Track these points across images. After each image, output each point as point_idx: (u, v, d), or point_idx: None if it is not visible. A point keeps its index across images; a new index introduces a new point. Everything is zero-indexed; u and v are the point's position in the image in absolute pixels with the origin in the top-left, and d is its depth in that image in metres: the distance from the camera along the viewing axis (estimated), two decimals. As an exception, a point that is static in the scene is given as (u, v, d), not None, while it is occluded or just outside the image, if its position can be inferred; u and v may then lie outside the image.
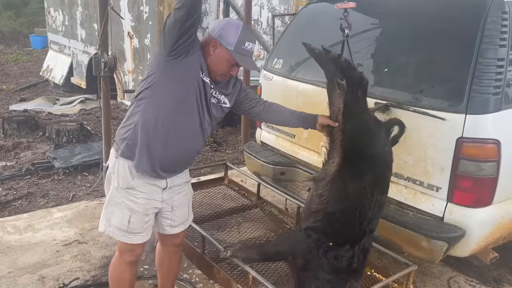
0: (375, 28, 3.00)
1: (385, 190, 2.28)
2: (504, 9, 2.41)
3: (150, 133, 2.05)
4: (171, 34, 1.92)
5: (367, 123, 2.24)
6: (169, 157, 2.12)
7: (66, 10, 8.25)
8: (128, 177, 2.11)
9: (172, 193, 2.24)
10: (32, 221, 3.68)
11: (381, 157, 2.25)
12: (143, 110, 2.05)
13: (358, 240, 2.17)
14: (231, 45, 2.04)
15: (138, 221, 2.16)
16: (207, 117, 2.13)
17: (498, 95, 2.33)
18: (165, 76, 2.02)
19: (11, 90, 8.71)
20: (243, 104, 2.34)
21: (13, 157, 5.23)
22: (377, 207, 2.20)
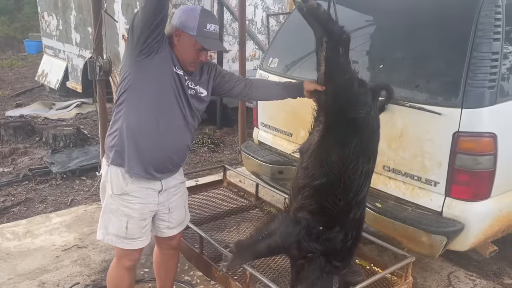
0: (369, 24, 3.00)
1: (371, 158, 2.13)
2: (497, 2, 2.41)
3: (136, 136, 2.04)
4: (139, 33, 1.91)
5: (350, 83, 2.08)
6: (160, 157, 2.11)
7: (60, 14, 8.23)
8: (122, 184, 2.10)
9: (168, 195, 2.24)
10: (31, 227, 3.67)
11: (365, 122, 2.10)
12: (125, 115, 2.04)
13: (346, 216, 2.08)
14: (193, 29, 2.01)
15: (136, 227, 2.15)
16: (188, 110, 2.13)
17: (493, 89, 2.34)
18: (139, 77, 2.00)
19: (7, 96, 8.69)
20: (222, 87, 2.30)
21: (10, 163, 5.22)
22: (363, 177, 2.08)
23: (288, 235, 2.12)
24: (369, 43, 2.86)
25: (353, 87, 2.07)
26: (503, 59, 2.40)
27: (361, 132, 2.08)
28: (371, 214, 2.67)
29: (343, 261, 2.14)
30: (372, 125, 2.13)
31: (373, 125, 2.14)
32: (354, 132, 2.07)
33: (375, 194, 2.77)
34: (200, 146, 5.84)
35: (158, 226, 2.31)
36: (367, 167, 2.09)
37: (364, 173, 2.09)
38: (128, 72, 2.02)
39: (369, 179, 2.15)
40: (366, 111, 2.08)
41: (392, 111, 2.61)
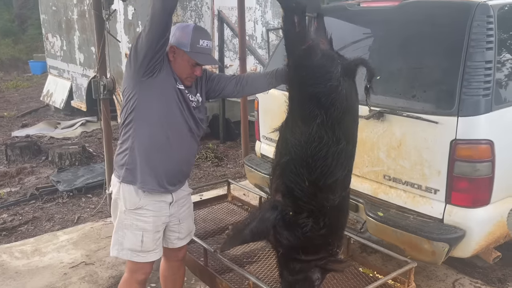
0: (367, 37, 3.07)
1: (342, 139, 1.99)
2: (489, 13, 2.47)
3: (148, 152, 2.11)
4: (143, 56, 1.98)
5: (307, 54, 1.99)
6: (171, 169, 2.19)
7: (64, 35, 8.39)
8: (135, 199, 2.16)
9: (178, 206, 2.31)
10: (38, 245, 3.72)
11: (330, 98, 1.95)
12: (134, 133, 2.11)
13: (314, 200, 2.01)
14: (187, 46, 2.09)
15: (151, 239, 2.21)
16: (193, 122, 2.21)
17: (488, 96, 2.38)
18: (145, 96, 2.07)
19: (13, 116, 8.82)
20: (214, 89, 2.36)
21: (18, 183, 5.29)
22: (332, 159, 1.97)
23: (265, 220, 2.09)
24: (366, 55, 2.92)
25: (311, 59, 1.98)
26: (497, 67, 2.45)
27: (325, 109, 1.95)
28: (374, 223, 2.71)
29: (316, 253, 2.08)
30: (342, 103, 1.98)
31: (343, 103, 1.98)
32: (316, 108, 1.96)
33: (377, 203, 2.81)
34: (204, 160, 5.90)
35: (169, 237, 2.36)
36: (335, 148, 1.97)
37: (333, 154, 1.97)
38: (133, 92, 2.09)
39: (344, 162, 2.03)
40: (330, 86, 1.96)
41: (390, 121, 2.66)
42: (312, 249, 2.09)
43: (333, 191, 2.02)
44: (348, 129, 2.04)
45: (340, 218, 2.16)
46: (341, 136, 1.98)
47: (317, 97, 1.96)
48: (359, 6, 3.12)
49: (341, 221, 2.18)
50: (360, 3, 3.13)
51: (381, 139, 2.73)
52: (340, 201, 2.08)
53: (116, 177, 2.23)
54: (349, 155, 2.07)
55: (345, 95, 1.99)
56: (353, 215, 2.97)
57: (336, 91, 1.96)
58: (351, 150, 2.07)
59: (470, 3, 2.54)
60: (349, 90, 2.02)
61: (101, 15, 3.60)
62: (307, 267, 2.11)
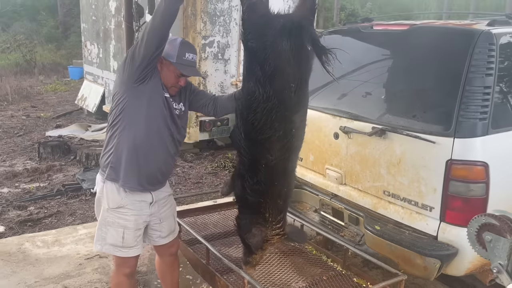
0: (376, 57, 3.21)
1: (271, 97, 2.06)
2: (491, 40, 2.57)
3: (131, 152, 2.30)
4: (139, 64, 2.17)
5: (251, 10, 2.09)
6: (151, 170, 2.37)
7: (101, 43, 8.85)
8: (117, 198, 2.34)
9: (158, 206, 2.49)
10: (59, 237, 3.98)
11: (264, 53, 2.04)
12: (120, 134, 2.29)
13: (248, 153, 2.16)
14: (173, 57, 2.28)
15: (131, 236, 2.39)
16: (175, 128, 2.40)
17: (485, 120, 2.47)
18: (134, 100, 2.26)
19: (49, 117, 9.32)
20: (195, 104, 2.55)
21: (46, 179, 5.63)
22: (260, 114, 2.07)
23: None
24: (372, 76, 3.06)
25: (253, 14, 2.09)
26: (496, 93, 2.53)
27: (260, 64, 2.05)
28: (371, 236, 2.81)
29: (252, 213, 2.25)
30: (275, 61, 2.04)
31: (277, 61, 2.04)
32: (254, 63, 2.08)
33: (377, 218, 2.91)
34: (222, 169, 6.09)
35: (151, 235, 2.54)
36: (265, 105, 2.07)
37: (262, 110, 2.08)
38: (123, 96, 2.27)
39: (275, 123, 2.10)
40: (265, 42, 2.04)
41: (391, 138, 2.78)
42: (248, 206, 2.28)
43: (268, 150, 2.13)
44: (281, 90, 2.09)
45: (278, 185, 2.24)
46: (271, 94, 2.06)
47: (254, 51, 2.08)
48: (372, 28, 3.26)
49: (279, 190, 2.26)
50: (373, 26, 3.28)
51: (382, 155, 2.84)
52: (280, 168, 2.19)
53: (100, 176, 2.41)
54: (283, 118, 2.11)
55: (281, 55, 2.05)
56: (354, 228, 3.08)
57: (271, 48, 2.03)
58: (285, 114, 2.11)
59: (474, 31, 2.65)
60: (287, 51, 2.06)
61: (131, 27, 3.89)
62: (246, 225, 2.30)
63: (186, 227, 3.13)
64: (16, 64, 16.67)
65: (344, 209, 3.11)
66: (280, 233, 2.34)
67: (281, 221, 2.33)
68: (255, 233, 2.30)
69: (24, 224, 4.36)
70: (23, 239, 3.92)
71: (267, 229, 2.30)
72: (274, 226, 2.31)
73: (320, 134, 3.27)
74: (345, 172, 3.12)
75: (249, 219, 2.32)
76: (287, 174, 2.28)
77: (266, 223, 2.29)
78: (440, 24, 3.19)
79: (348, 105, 3.11)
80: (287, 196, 2.36)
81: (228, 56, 6.63)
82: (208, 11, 6.24)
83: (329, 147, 3.21)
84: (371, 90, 3.03)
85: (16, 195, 5.07)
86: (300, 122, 2.21)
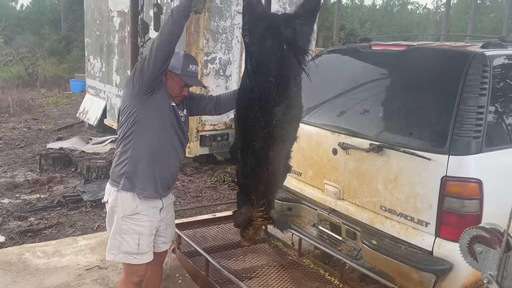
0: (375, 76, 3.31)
1: (254, 89, 2.26)
2: (485, 62, 2.67)
3: (147, 160, 2.41)
4: (148, 77, 2.30)
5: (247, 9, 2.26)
6: (166, 176, 2.50)
7: (104, 58, 8.99)
8: (132, 205, 2.43)
9: (166, 212, 2.60)
10: (59, 247, 4.01)
11: (251, 49, 2.24)
12: (134, 145, 2.40)
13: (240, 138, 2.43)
14: (178, 69, 2.45)
15: (146, 242, 2.47)
16: (182, 134, 2.53)
17: (479, 139, 2.55)
18: (146, 111, 2.39)
19: (50, 130, 9.40)
20: (195, 108, 2.71)
21: (47, 190, 5.68)
22: (245, 104, 2.32)
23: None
24: (370, 94, 3.15)
25: (248, 12, 2.26)
26: (489, 113, 2.62)
27: (249, 58, 2.25)
28: (368, 251, 2.86)
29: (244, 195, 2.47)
30: (260, 57, 2.21)
31: (260, 57, 2.21)
32: (247, 57, 2.29)
33: (373, 233, 2.97)
34: (221, 183, 6.15)
35: (156, 242, 2.62)
36: (249, 96, 2.28)
37: (247, 100, 2.31)
38: (134, 109, 2.39)
39: (257, 113, 2.28)
40: (253, 38, 2.22)
41: (388, 155, 2.85)
42: (241, 187, 2.53)
43: (253, 136, 2.35)
44: (262, 83, 2.25)
45: (261, 172, 2.43)
46: (254, 87, 2.27)
47: (246, 47, 2.29)
48: (370, 48, 3.37)
49: (261, 176, 2.44)
50: (371, 46, 3.39)
51: (379, 171, 2.91)
52: (263, 156, 2.37)
53: (113, 186, 2.47)
54: (264, 109, 2.28)
55: (263, 51, 2.21)
56: (351, 243, 3.14)
57: (256, 44, 2.22)
58: (266, 106, 2.27)
59: (469, 52, 2.76)
60: (269, 48, 2.20)
61: (136, 42, 3.99)
62: (241, 203, 2.53)
63: (187, 239, 3.19)
64: (18, 76, 16.83)
65: (342, 223, 3.17)
66: (263, 216, 2.56)
67: (264, 205, 2.54)
68: (242, 211, 2.56)
69: (24, 235, 4.39)
70: (24, 249, 3.95)
71: (252, 210, 2.53)
72: (259, 208, 2.53)
73: (319, 150, 3.35)
74: (343, 187, 3.19)
75: (242, 199, 2.58)
76: (270, 162, 2.44)
77: (252, 205, 2.52)
78: (436, 45, 3.30)
79: (347, 122, 3.20)
80: (270, 183, 2.53)
81: (230, 73, 6.75)
82: (211, 28, 6.38)
83: (328, 162, 3.28)
84: (369, 108, 3.12)
85: (17, 206, 5.11)
86: (282, 115, 2.33)
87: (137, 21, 4.04)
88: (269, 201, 2.57)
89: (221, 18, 6.47)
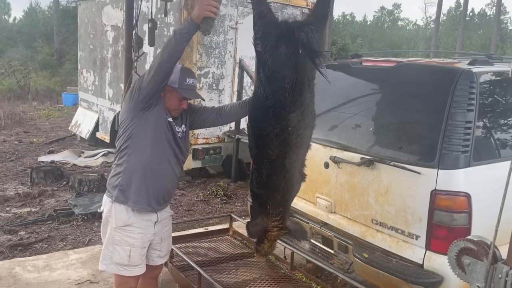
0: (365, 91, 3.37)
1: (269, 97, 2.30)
2: (472, 78, 2.74)
3: (141, 174, 2.42)
4: (146, 93, 2.33)
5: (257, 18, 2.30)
6: (160, 190, 2.50)
7: (97, 71, 9.02)
8: (125, 216, 2.45)
9: (161, 226, 2.59)
10: (50, 261, 3.98)
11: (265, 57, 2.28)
12: (129, 158, 2.43)
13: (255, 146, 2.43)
14: (175, 83, 2.46)
15: (137, 254, 2.48)
16: (178, 149, 2.53)
17: (467, 153, 2.61)
18: (142, 126, 2.41)
19: (41, 143, 9.35)
20: (197, 121, 2.70)
21: (38, 204, 5.64)
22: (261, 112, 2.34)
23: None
24: (361, 109, 3.21)
25: (259, 22, 2.29)
26: (477, 128, 2.68)
27: (263, 66, 2.29)
28: (359, 264, 2.89)
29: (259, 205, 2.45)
30: (274, 64, 2.26)
31: (276, 65, 2.26)
32: (260, 65, 2.34)
33: (365, 246, 2.99)
34: (214, 197, 6.16)
35: (151, 255, 2.62)
36: (264, 103, 2.30)
37: (262, 108, 2.32)
38: (131, 123, 2.42)
39: (272, 120, 2.30)
40: (266, 47, 2.26)
41: (379, 169, 2.90)
42: (255, 197, 2.49)
43: (268, 145, 2.35)
44: (277, 90, 2.29)
45: (277, 180, 2.42)
46: (269, 94, 2.30)
47: (259, 54, 2.32)
48: (361, 64, 3.44)
49: (278, 184, 2.44)
50: (362, 61, 3.46)
51: (370, 185, 2.96)
52: (279, 164, 2.37)
53: (108, 197, 2.52)
54: (279, 116, 2.31)
55: (277, 58, 2.25)
56: (343, 256, 3.16)
57: (270, 52, 2.26)
58: (281, 113, 2.30)
59: (456, 69, 2.83)
60: (283, 55, 2.25)
61: (130, 57, 4.04)
62: (255, 214, 2.49)
63: (179, 252, 3.19)
64: (9, 89, 16.77)
65: (334, 237, 3.19)
66: (279, 226, 2.52)
67: (280, 214, 2.50)
68: (257, 222, 2.51)
69: (14, 249, 4.35)
70: (14, 263, 3.91)
71: (268, 220, 2.48)
72: (274, 218, 2.49)
73: (311, 163, 3.36)
74: (335, 201, 3.23)
75: (257, 209, 2.54)
76: (286, 170, 2.43)
77: (268, 215, 2.48)
78: (425, 62, 3.38)
79: (338, 136, 3.25)
80: (286, 191, 2.51)
81: (223, 87, 6.81)
82: (204, 43, 6.45)
83: (320, 176, 3.32)
84: (360, 122, 3.17)
85: (7, 220, 5.06)
86: (297, 121, 2.35)
87: (131, 36, 4.09)
88: (285, 210, 2.55)
89: (215, 33, 6.55)
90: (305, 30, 2.24)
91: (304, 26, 2.27)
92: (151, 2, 5.43)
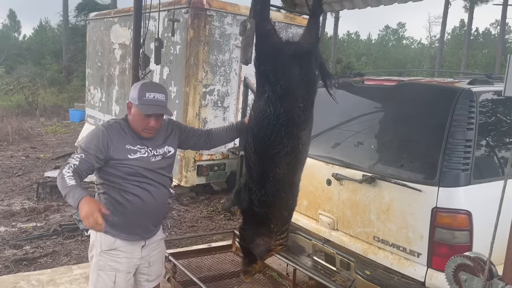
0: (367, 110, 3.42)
1: (281, 115, 2.30)
2: (471, 98, 2.79)
3: (120, 210, 2.34)
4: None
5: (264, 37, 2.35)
6: (144, 222, 2.43)
7: (104, 88, 9.16)
8: (110, 240, 2.37)
9: (149, 250, 2.51)
10: (54, 276, 4.00)
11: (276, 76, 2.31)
12: (105, 196, 2.37)
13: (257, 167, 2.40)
14: (135, 99, 2.33)
15: (123, 280, 2.40)
16: (153, 176, 2.39)
17: (467, 171, 2.64)
18: (107, 171, 2.35)
19: (48, 158, 9.44)
20: (187, 142, 2.64)
21: (43, 219, 5.68)
22: (270, 130, 2.31)
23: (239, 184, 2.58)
24: (363, 127, 3.26)
25: (266, 40, 2.35)
26: (477, 146, 2.72)
27: (272, 85, 2.30)
28: (361, 281, 2.90)
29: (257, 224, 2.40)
30: (287, 83, 2.29)
31: (288, 83, 2.29)
32: (266, 83, 2.34)
33: (367, 263, 3.01)
34: (217, 213, 6.18)
35: (139, 280, 2.54)
36: (275, 122, 2.29)
37: (272, 127, 2.30)
38: (96, 174, 2.38)
39: (284, 139, 2.31)
40: (276, 66, 2.30)
41: (380, 186, 2.93)
42: (254, 217, 2.41)
43: (276, 164, 2.35)
44: (291, 109, 2.31)
45: (285, 197, 2.41)
46: (281, 113, 2.31)
47: (266, 74, 2.33)
48: (363, 83, 3.51)
49: (285, 201, 2.43)
50: (364, 80, 3.52)
51: (372, 202, 2.98)
52: (287, 181, 2.38)
53: None
54: (291, 134, 2.33)
55: (292, 78, 2.30)
56: (345, 273, 3.16)
57: (283, 72, 2.29)
58: (294, 131, 2.33)
59: (456, 88, 2.88)
60: (297, 74, 2.31)
61: (137, 74, 4.12)
62: (249, 236, 2.42)
63: (182, 268, 3.21)
64: (18, 105, 17.00)
65: (336, 254, 3.21)
66: (283, 243, 2.50)
67: (285, 231, 2.49)
68: (259, 243, 2.44)
69: (19, 263, 4.38)
70: (19, 277, 3.94)
71: (271, 240, 2.45)
72: (278, 236, 2.47)
73: (314, 180, 3.42)
74: (337, 218, 3.25)
75: (254, 230, 2.47)
76: (293, 186, 2.47)
77: (271, 234, 2.44)
78: (426, 81, 3.43)
79: (341, 154, 3.29)
80: (292, 207, 2.54)
81: (228, 104, 6.89)
82: (210, 61, 6.56)
83: (322, 192, 3.35)
84: (362, 140, 3.21)
85: (13, 234, 5.11)
86: (306, 138, 2.42)
87: (138, 54, 4.18)
88: (289, 227, 2.55)
89: (220, 51, 6.66)
90: (318, 52, 2.33)
91: (314, 47, 2.35)
92: (158, 21, 5.58)
